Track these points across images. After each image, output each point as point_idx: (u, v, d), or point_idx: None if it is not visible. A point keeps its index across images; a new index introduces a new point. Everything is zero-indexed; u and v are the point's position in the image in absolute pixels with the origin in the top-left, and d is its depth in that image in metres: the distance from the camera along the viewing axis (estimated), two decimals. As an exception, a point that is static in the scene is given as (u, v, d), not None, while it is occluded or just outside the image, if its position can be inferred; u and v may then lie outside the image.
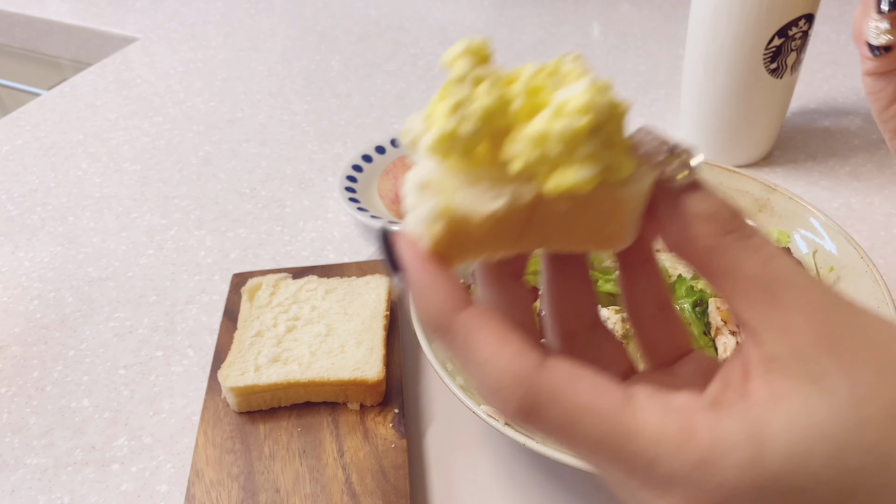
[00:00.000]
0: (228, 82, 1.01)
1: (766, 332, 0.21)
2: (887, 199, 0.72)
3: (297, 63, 1.05)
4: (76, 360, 0.62)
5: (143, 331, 0.64)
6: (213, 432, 0.52)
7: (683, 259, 0.23)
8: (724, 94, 0.72)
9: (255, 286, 0.61)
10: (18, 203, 0.81)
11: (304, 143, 0.88)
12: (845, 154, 0.79)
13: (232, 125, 0.92)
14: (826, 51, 0.99)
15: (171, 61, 1.07)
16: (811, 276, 0.22)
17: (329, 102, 0.95)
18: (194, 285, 0.68)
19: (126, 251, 0.73)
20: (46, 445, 0.55)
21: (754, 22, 0.65)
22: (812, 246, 0.55)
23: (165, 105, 0.97)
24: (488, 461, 0.51)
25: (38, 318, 0.66)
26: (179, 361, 0.61)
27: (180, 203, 0.79)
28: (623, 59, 1.01)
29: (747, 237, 0.22)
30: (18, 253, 0.74)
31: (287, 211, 0.77)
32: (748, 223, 0.22)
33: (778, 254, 0.22)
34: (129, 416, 0.56)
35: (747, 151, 0.77)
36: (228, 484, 0.49)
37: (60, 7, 1.23)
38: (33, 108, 0.98)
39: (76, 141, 0.91)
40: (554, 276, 0.27)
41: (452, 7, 1.18)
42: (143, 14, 1.21)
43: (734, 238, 0.22)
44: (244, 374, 0.53)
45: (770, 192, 0.58)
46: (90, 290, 0.69)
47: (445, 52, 0.23)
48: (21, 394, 0.59)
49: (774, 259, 0.21)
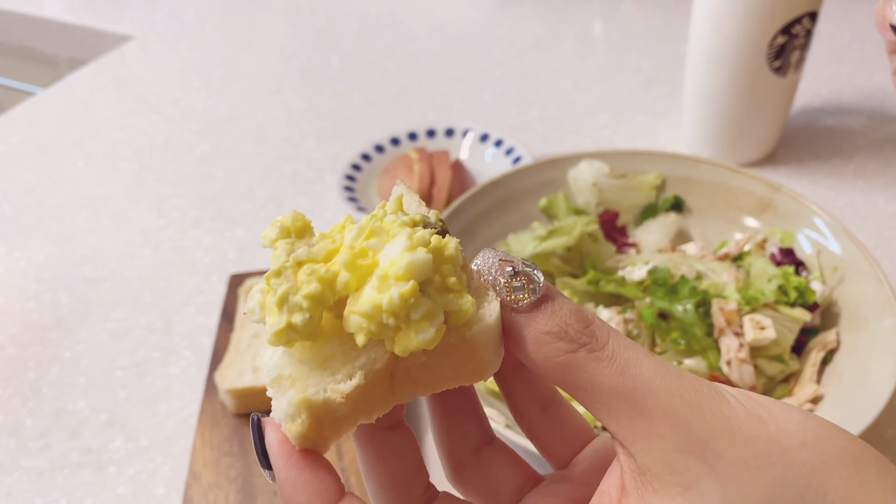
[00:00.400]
0: (226, 80, 1.01)
1: (634, 444, 0.21)
2: (892, 198, 0.72)
3: (295, 61, 1.04)
4: (72, 361, 0.61)
5: (139, 332, 0.63)
6: (211, 434, 0.52)
7: (545, 378, 0.23)
8: (728, 93, 0.71)
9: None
10: (14, 203, 0.80)
11: (303, 141, 0.87)
12: (849, 153, 0.78)
13: (229, 124, 0.91)
14: (830, 49, 0.98)
15: (168, 59, 1.07)
16: (671, 376, 0.21)
17: (328, 101, 0.95)
18: (191, 286, 0.68)
19: (122, 251, 0.72)
20: (42, 447, 0.54)
21: (758, 20, 0.65)
22: (816, 246, 0.55)
23: (162, 103, 0.96)
24: (489, 464, 0.51)
25: (34, 319, 0.65)
26: (176, 363, 0.60)
27: (177, 203, 0.79)
28: (625, 56, 1.00)
29: (601, 347, 0.21)
30: (14, 253, 0.73)
31: (285, 210, 0.76)
32: (600, 330, 0.22)
33: (633, 360, 0.21)
34: (125, 418, 0.56)
35: (751, 150, 0.76)
36: (226, 487, 0.48)
37: (56, 5, 1.22)
38: (29, 107, 0.97)
39: (72, 140, 0.90)
40: (436, 410, 0.26)
41: (453, 4, 1.17)
42: (139, 12, 1.20)
43: (586, 351, 0.21)
44: (242, 375, 0.52)
45: (774, 192, 0.58)
46: (86, 290, 0.68)
47: (263, 233, 0.23)
48: (17, 395, 0.58)
49: (630, 367, 0.21)
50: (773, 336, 0.47)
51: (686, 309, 0.48)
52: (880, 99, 0.87)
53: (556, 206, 0.61)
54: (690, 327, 0.48)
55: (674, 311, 0.48)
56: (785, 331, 0.48)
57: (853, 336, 0.49)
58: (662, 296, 0.50)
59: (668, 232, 0.60)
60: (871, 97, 0.87)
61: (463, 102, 0.92)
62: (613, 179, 0.61)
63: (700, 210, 0.62)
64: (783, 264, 0.54)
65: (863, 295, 0.50)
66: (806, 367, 0.49)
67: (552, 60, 1.00)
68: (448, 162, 0.72)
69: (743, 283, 0.51)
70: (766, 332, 0.47)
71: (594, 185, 0.61)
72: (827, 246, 0.54)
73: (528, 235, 0.54)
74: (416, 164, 0.71)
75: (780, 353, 0.48)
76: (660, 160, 0.62)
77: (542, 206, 0.62)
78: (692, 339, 0.48)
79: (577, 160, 0.62)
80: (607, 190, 0.61)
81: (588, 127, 0.86)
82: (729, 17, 0.66)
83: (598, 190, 0.61)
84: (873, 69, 0.93)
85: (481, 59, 1.02)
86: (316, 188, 0.79)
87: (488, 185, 0.61)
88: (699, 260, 0.55)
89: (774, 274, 0.51)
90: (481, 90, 0.95)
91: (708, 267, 0.53)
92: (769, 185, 0.58)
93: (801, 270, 0.54)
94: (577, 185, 0.62)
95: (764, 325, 0.47)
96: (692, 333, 0.48)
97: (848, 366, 0.47)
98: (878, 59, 0.95)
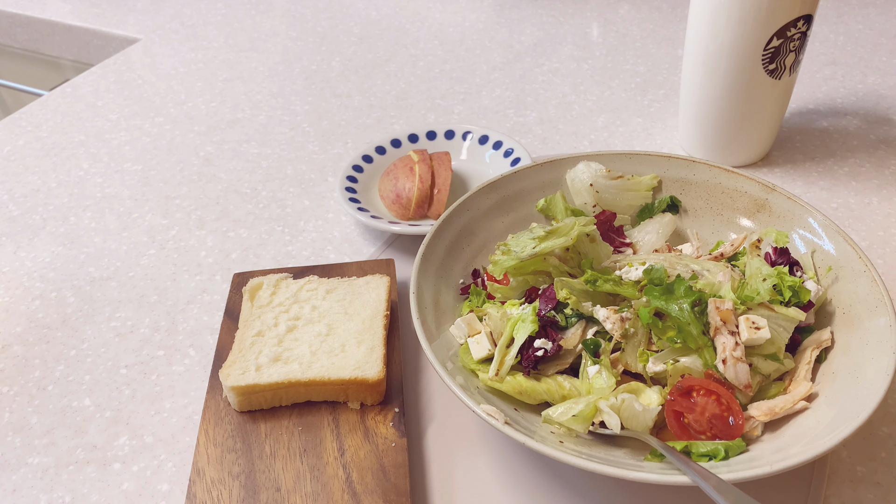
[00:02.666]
0: (229, 83, 1.02)
1: None
2: (885, 198, 0.73)
3: (297, 64, 1.05)
4: (77, 359, 0.62)
5: (144, 330, 0.64)
6: (215, 431, 0.52)
7: None
8: (723, 95, 0.72)
9: (256, 286, 0.62)
10: (20, 203, 0.81)
11: (305, 143, 0.88)
12: (843, 154, 0.79)
13: (233, 126, 0.92)
14: (824, 52, 0.99)
15: (173, 62, 1.08)
16: None
17: (329, 103, 0.96)
18: (195, 285, 0.69)
19: (127, 251, 0.73)
20: (48, 445, 0.55)
21: (753, 23, 0.66)
22: (810, 246, 0.56)
23: (166, 105, 0.97)
24: (488, 460, 0.51)
25: (40, 318, 0.66)
26: (181, 361, 0.61)
27: (181, 203, 0.80)
28: (622, 59, 1.01)
29: None
30: (20, 253, 0.74)
31: (288, 211, 0.77)
32: None
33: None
34: (130, 416, 0.57)
35: (746, 152, 0.77)
36: (229, 483, 0.49)
37: (62, 8, 1.23)
38: (35, 109, 0.98)
39: (77, 141, 0.91)
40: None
41: (452, 8, 1.18)
42: (144, 15, 1.21)
43: None
44: (245, 373, 0.53)
45: (769, 193, 0.58)
46: (91, 289, 0.69)
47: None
48: (23, 393, 0.59)
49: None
50: (767, 336, 0.48)
51: (682, 308, 0.49)
52: (874, 101, 0.88)
53: (554, 206, 0.62)
54: (686, 326, 0.49)
55: (670, 309, 0.49)
56: (780, 329, 0.49)
57: (847, 334, 0.50)
58: (658, 295, 0.50)
59: (664, 232, 0.61)
60: (865, 99, 0.88)
61: (462, 105, 0.93)
62: (610, 180, 0.62)
63: (696, 210, 0.63)
64: (778, 264, 0.55)
65: (857, 294, 0.51)
66: (800, 366, 0.50)
67: (550, 63, 1.01)
68: (449, 163, 0.73)
69: (738, 283, 0.52)
70: (762, 331, 0.48)
71: (591, 186, 0.62)
72: (822, 246, 0.55)
73: (527, 236, 0.55)
74: (417, 166, 0.72)
75: (775, 352, 0.49)
76: (656, 161, 0.63)
77: (539, 207, 0.63)
78: (688, 337, 0.49)
79: (575, 161, 0.63)
80: (604, 191, 0.62)
81: (585, 129, 0.87)
82: (725, 21, 0.67)
83: (596, 191, 0.62)
84: (867, 72, 0.94)
85: (480, 62, 1.03)
86: (318, 189, 0.80)
87: (488, 185, 0.61)
88: (695, 260, 0.55)
89: (769, 274, 0.52)
90: (480, 93, 0.96)
91: (703, 267, 0.54)
92: (764, 186, 0.59)
93: (795, 270, 0.55)
94: (575, 186, 0.63)
95: (759, 324, 0.48)
96: (688, 332, 0.49)
97: (842, 364, 0.48)
98: (871, 61, 0.96)
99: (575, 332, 0.51)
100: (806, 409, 0.47)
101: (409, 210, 0.70)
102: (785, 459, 0.40)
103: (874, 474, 0.49)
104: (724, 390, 0.46)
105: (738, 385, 0.47)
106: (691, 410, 0.46)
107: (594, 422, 0.47)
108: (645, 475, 0.40)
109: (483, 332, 0.52)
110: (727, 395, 0.46)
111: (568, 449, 0.43)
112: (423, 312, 0.51)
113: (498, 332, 0.52)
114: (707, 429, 0.46)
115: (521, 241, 0.55)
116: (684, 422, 0.46)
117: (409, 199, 0.70)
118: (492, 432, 0.53)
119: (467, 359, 0.52)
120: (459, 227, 0.60)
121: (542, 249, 0.53)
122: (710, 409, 0.46)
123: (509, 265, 0.54)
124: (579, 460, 0.41)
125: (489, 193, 0.62)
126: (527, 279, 0.55)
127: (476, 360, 0.51)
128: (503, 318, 0.53)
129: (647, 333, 0.51)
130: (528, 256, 0.53)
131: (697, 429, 0.46)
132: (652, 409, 0.46)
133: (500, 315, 0.53)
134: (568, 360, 0.51)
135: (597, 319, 0.51)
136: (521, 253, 0.54)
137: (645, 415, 0.46)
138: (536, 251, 0.53)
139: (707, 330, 0.49)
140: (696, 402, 0.46)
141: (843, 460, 0.50)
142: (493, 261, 0.55)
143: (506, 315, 0.53)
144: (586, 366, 0.50)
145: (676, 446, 0.45)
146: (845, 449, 0.51)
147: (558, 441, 0.45)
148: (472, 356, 0.52)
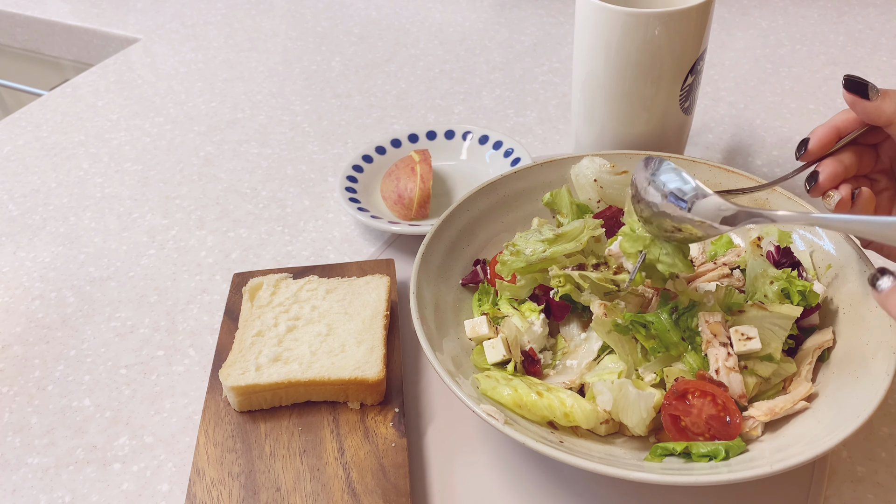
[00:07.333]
0: (229, 83, 1.02)
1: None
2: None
3: (297, 64, 1.05)
4: (77, 359, 0.62)
5: (144, 330, 0.64)
6: (215, 431, 0.52)
7: None
8: (643, 134, 0.68)
9: (256, 286, 0.62)
10: (20, 203, 0.81)
11: (305, 143, 0.88)
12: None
13: (233, 126, 0.92)
14: (824, 52, 0.99)
15: (173, 62, 1.08)
16: None
17: (329, 103, 0.96)
18: (195, 285, 0.69)
19: (127, 251, 0.73)
20: (48, 445, 0.55)
21: (676, 61, 0.62)
22: (810, 245, 0.56)
23: (166, 105, 0.97)
24: (488, 460, 0.51)
25: (40, 318, 0.66)
26: (180, 361, 0.61)
27: (181, 203, 0.79)
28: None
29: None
30: (20, 253, 0.74)
31: (288, 211, 0.77)
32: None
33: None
34: (130, 416, 0.57)
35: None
36: (229, 483, 0.49)
37: (62, 8, 1.23)
38: (35, 109, 0.98)
39: (77, 141, 0.91)
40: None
41: (452, 8, 1.18)
42: (144, 15, 1.21)
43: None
44: (245, 373, 0.53)
45: (769, 192, 0.58)
46: (91, 289, 0.69)
47: None
48: (22, 393, 0.59)
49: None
50: (758, 347, 0.47)
51: (658, 317, 0.49)
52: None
53: (559, 201, 0.63)
54: (665, 333, 0.49)
55: (645, 319, 0.49)
56: (775, 328, 0.48)
57: (848, 334, 0.50)
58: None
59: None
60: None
61: (462, 105, 0.93)
62: (614, 176, 0.62)
63: (697, 210, 0.62)
64: (781, 264, 0.55)
65: (857, 294, 0.51)
66: (801, 366, 0.50)
67: (550, 63, 1.01)
68: (429, 160, 0.73)
69: (724, 291, 0.52)
70: (752, 342, 0.47)
71: (595, 182, 0.62)
72: (821, 245, 0.55)
73: (535, 237, 0.55)
74: (419, 166, 0.72)
75: (770, 353, 0.48)
76: (656, 161, 0.63)
77: (545, 201, 0.63)
78: (669, 345, 0.49)
79: (577, 160, 0.63)
80: (608, 186, 0.62)
81: (587, 129, 0.87)
82: (649, 60, 0.62)
83: (600, 186, 0.62)
84: (867, 72, 0.94)
85: (480, 62, 1.03)
86: (318, 189, 0.80)
87: (488, 185, 0.62)
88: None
89: (776, 276, 0.52)
90: (480, 93, 0.96)
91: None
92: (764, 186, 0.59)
93: (801, 271, 0.55)
94: (579, 182, 0.63)
95: (749, 335, 0.48)
96: (668, 339, 0.49)
97: (842, 364, 0.48)
98: (871, 61, 0.96)
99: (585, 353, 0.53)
100: (806, 409, 0.46)
101: (411, 210, 0.70)
102: (785, 459, 0.40)
103: (874, 474, 0.49)
104: (719, 391, 0.46)
105: (732, 395, 0.47)
106: (688, 413, 0.46)
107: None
108: (645, 475, 0.40)
109: (499, 338, 0.52)
110: (723, 395, 0.46)
111: (568, 449, 0.43)
112: (423, 312, 0.51)
113: (514, 341, 0.53)
114: (705, 430, 0.46)
115: (529, 242, 0.55)
116: (682, 425, 0.46)
117: (410, 200, 0.70)
118: (492, 432, 0.53)
119: (480, 360, 0.52)
120: (459, 227, 0.60)
121: (553, 254, 0.53)
122: (706, 411, 0.46)
123: (518, 266, 0.54)
124: (579, 460, 0.41)
125: (489, 193, 0.62)
126: (535, 277, 0.55)
127: (490, 363, 0.52)
128: (520, 335, 0.53)
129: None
130: (538, 260, 0.53)
131: (695, 431, 0.46)
132: (647, 394, 0.46)
133: (520, 326, 0.54)
134: (577, 383, 0.51)
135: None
136: (532, 256, 0.54)
137: (640, 402, 0.46)
138: (546, 255, 0.53)
139: (686, 336, 0.49)
140: (692, 404, 0.46)
141: (843, 460, 0.50)
142: (501, 261, 0.55)
143: (520, 332, 0.53)
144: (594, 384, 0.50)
145: (676, 448, 0.45)
146: (845, 449, 0.51)
147: (558, 441, 0.45)
148: (487, 359, 0.52)
